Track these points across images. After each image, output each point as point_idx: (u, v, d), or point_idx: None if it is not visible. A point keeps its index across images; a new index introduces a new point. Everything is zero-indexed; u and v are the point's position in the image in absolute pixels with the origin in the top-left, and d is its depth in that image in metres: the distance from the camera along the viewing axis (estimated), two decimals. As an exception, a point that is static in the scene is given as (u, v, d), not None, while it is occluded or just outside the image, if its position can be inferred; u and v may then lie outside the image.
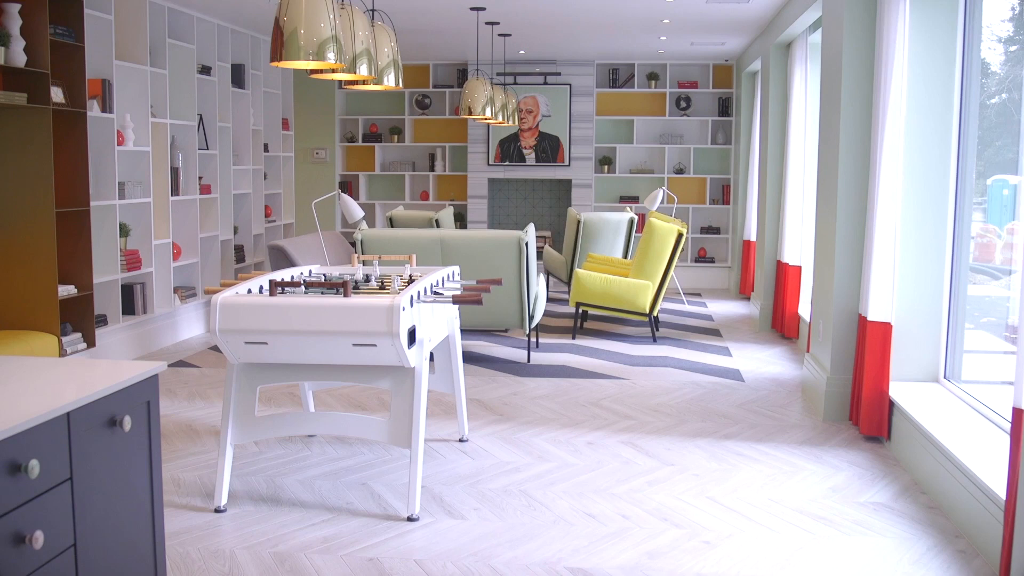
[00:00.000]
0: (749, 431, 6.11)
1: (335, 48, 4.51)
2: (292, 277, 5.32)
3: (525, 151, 13.31)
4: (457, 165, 13.73)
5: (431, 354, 5.76)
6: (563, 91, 13.17)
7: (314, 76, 5.31)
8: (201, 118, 9.81)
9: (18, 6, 6.47)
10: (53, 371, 2.92)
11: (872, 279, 5.80)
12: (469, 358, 8.22)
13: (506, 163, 13.33)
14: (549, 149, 13.28)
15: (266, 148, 11.65)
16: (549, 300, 11.65)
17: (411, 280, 5.35)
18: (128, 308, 8.41)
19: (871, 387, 5.84)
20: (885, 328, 5.78)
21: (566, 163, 13.24)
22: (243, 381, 4.72)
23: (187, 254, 9.50)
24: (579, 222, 11.00)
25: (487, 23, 9.96)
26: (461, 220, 13.61)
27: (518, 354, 8.44)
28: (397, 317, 4.34)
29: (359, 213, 8.79)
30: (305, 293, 4.76)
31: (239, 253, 10.75)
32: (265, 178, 11.67)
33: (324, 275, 5.50)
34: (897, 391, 5.78)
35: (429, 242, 7.91)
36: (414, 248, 7.91)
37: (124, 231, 8.29)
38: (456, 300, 4.69)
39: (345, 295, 4.48)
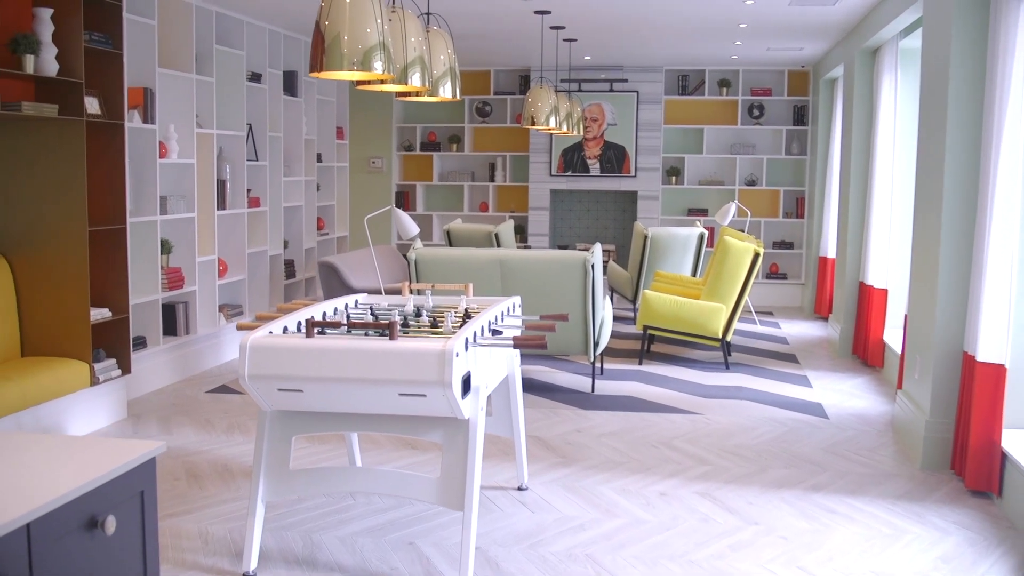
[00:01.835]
0: (839, 481, 5.49)
1: (383, 57, 3.98)
2: (336, 311, 4.81)
3: (589, 161, 12.73)
4: (518, 175, 13.18)
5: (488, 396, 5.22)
6: (630, 99, 12.57)
7: (361, 88, 4.80)
8: (250, 128, 9.37)
9: (50, 11, 6.03)
10: (22, 456, 2.41)
11: (983, 314, 5.15)
12: (529, 386, 7.67)
13: (569, 173, 12.77)
14: (614, 159, 12.69)
15: (319, 158, 11.20)
16: (614, 319, 11.05)
17: (467, 315, 4.81)
18: (170, 329, 7.97)
19: (979, 435, 5.19)
20: (998, 370, 5.13)
21: (632, 174, 12.64)
22: (276, 431, 4.21)
23: (234, 271, 9.06)
24: (646, 237, 10.41)
25: (551, 27, 9.41)
26: (521, 233, 13.06)
27: (582, 382, 7.87)
28: (449, 364, 3.80)
29: (414, 229, 8.28)
30: (348, 333, 4.24)
31: (289, 268, 10.30)
32: (318, 189, 11.22)
33: (371, 307, 4.98)
34: (1011, 441, 5.13)
35: (488, 263, 7.38)
36: (472, 270, 7.38)
37: (166, 248, 7.86)
38: (517, 344, 4.13)
39: (391, 338, 3.95)
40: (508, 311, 5.03)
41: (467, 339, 4.02)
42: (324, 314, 4.71)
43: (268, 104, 9.57)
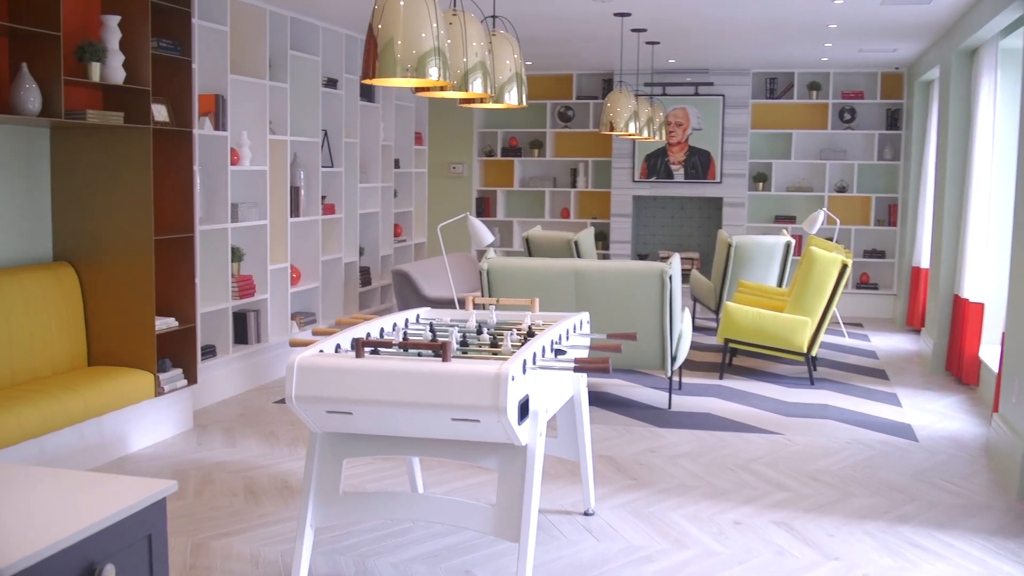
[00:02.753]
0: (928, 512, 5.14)
1: (439, 62, 3.79)
2: (395, 326, 4.62)
3: (673, 167, 12.42)
4: (600, 181, 12.92)
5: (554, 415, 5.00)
6: (715, 103, 12.23)
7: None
8: (326, 134, 9.28)
9: (118, 18, 5.97)
10: (23, 494, 2.25)
11: (1087, 337, 4.78)
12: (602, 401, 7.43)
13: (653, 179, 12.47)
14: (699, 165, 12.36)
15: (397, 164, 11.08)
16: (695, 329, 10.74)
17: (530, 333, 4.59)
18: (241, 337, 7.89)
19: (1083, 466, 4.82)
20: (1103, 397, 4.75)
21: (717, 180, 12.30)
22: (326, 454, 4.03)
23: (307, 278, 8.96)
24: (730, 246, 10.08)
25: (633, 30, 9.14)
26: (603, 240, 12.80)
27: (658, 397, 7.59)
28: (504, 389, 3.58)
29: (488, 238, 8.08)
30: (405, 353, 4.05)
31: (365, 276, 10.19)
32: (395, 196, 11.10)
33: (431, 323, 4.79)
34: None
35: (562, 274, 7.15)
36: (545, 281, 7.16)
37: (237, 255, 7.78)
38: (579, 367, 3.90)
39: (444, 359, 3.75)
40: (575, 329, 4.80)
41: (525, 361, 3.80)
42: (382, 330, 4.53)
43: (344, 110, 9.47)
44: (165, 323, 6.38)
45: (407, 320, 4.84)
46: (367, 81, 3.85)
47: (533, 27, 9.00)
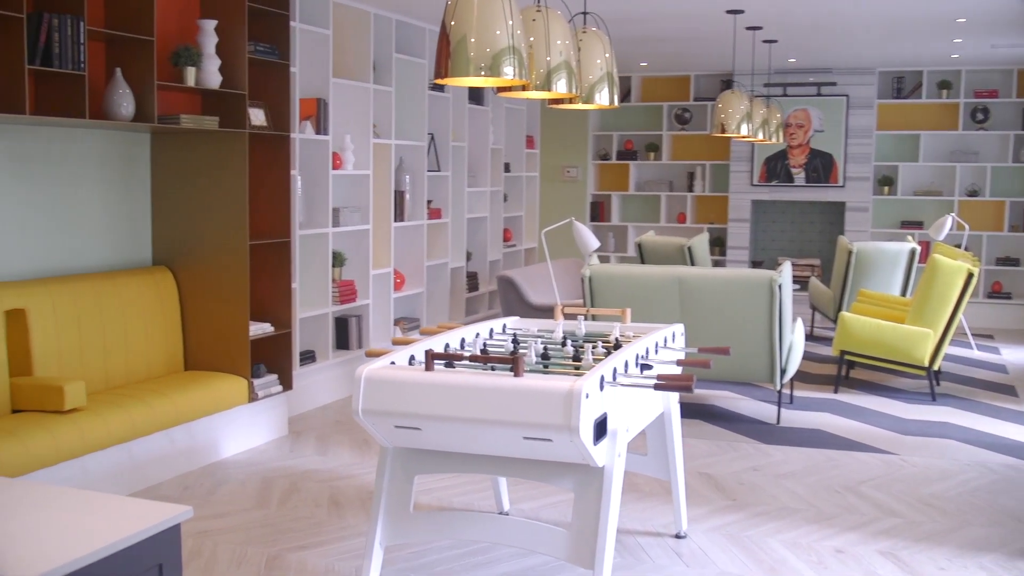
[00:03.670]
0: (1053, 544, 4.75)
1: (514, 61, 3.61)
2: (477, 336, 4.46)
3: (794, 170, 12.00)
4: (718, 185, 12.56)
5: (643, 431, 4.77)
6: (838, 103, 11.76)
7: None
8: (432, 137, 9.19)
9: (214, 23, 5.95)
10: (33, 515, 2.14)
11: None
12: (706, 414, 7.14)
13: (772, 183, 12.06)
14: (821, 168, 11.91)
15: (507, 168, 10.94)
16: (813, 339, 10.32)
17: (616, 346, 4.37)
18: (342, 343, 7.84)
19: None
20: None
21: (840, 183, 11.83)
22: (397, 469, 3.88)
23: (411, 283, 8.88)
24: (850, 253, 9.64)
25: (747, 28, 8.81)
26: (720, 246, 12.43)
27: (767, 411, 7.26)
28: (577, 407, 3.38)
29: (593, 244, 7.84)
30: (482, 367, 3.88)
31: (472, 281, 10.07)
32: (505, 200, 10.96)
33: (515, 334, 4.61)
34: None
35: (665, 282, 6.89)
36: (649, 289, 6.91)
37: (338, 260, 7.73)
38: (660, 385, 3.66)
39: (515, 374, 3.56)
40: (665, 341, 4.56)
41: (603, 377, 3.59)
42: (462, 341, 4.37)
43: (452, 113, 9.37)
44: (260, 328, 6.34)
45: (491, 330, 4.67)
46: (440, 80, 3.69)
47: (643, 26, 8.76)
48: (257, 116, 6.36)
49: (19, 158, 5.29)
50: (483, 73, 3.58)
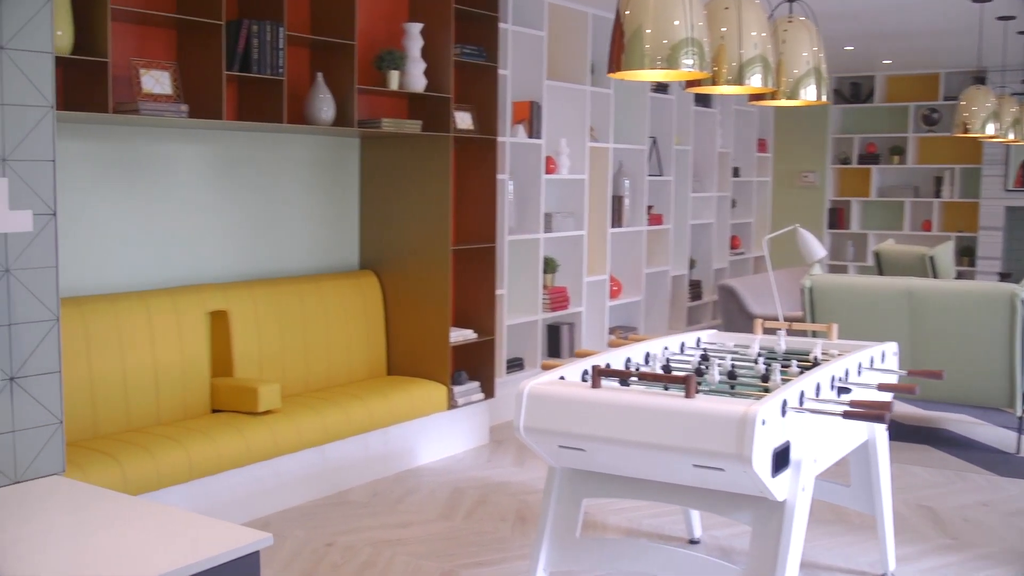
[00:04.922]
0: None
1: (694, 53, 3.32)
2: (665, 349, 4.17)
3: (1057, 174, 10.98)
4: (968, 190, 11.64)
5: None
6: (1110, 101, 10.67)
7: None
8: (654, 141, 8.91)
9: (420, 26, 5.90)
10: (107, 529, 2.04)
11: None
12: (935, 439, 6.53)
13: (1031, 189, 11.08)
14: (1089, 172, 10.84)
15: (736, 172, 10.51)
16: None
17: (814, 364, 3.99)
18: (554, 351, 7.68)
19: None
20: None
21: (1111, 190, 10.74)
22: (564, 491, 3.65)
23: (628, 291, 8.63)
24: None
25: (998, 18, 8.06)
26: (969, 256, 11.52)
27: (1006, 439, 6.58)
28: (751, 434, 3.05)
29: (819, 252, 7.35)
30: (666, 389, 3.59)
31: (695, 290, 9.72)
32: (733, 206, 10.54)
33: (706, 350, 4.30)
34: None
35: (894, 295, 6.36)
36: (874, 302, 6.40)
37: (550, 267, 7.57)
38: (850, 413, 3.27)
39: (687, 395, 3.26)
40: (871, 362, 4.13)
41: (785, 401, 3.24)
42: (647, 355, 4.10)
43: (675, 116, 9.06)
44: (462, 335, 6.25)
45: (683, 344, 4.38)
46: (613, 75, 3.46)
47: (882, 20, 8.17)
48: (463, 119, 6.28)
49: (225, 163, 5.40)
50: (659, 65, 3.33)
